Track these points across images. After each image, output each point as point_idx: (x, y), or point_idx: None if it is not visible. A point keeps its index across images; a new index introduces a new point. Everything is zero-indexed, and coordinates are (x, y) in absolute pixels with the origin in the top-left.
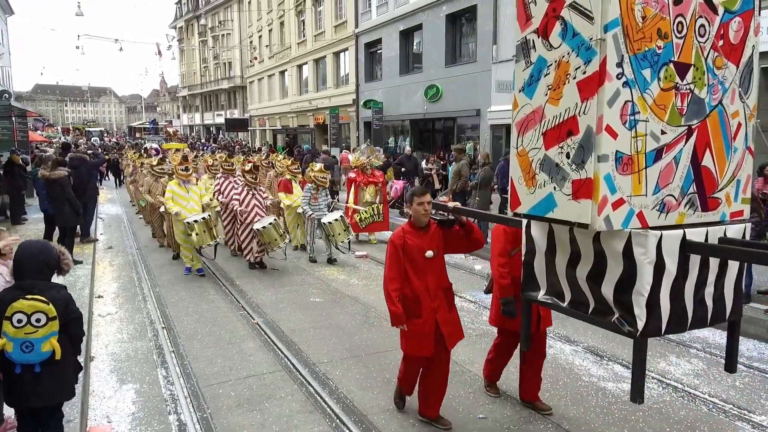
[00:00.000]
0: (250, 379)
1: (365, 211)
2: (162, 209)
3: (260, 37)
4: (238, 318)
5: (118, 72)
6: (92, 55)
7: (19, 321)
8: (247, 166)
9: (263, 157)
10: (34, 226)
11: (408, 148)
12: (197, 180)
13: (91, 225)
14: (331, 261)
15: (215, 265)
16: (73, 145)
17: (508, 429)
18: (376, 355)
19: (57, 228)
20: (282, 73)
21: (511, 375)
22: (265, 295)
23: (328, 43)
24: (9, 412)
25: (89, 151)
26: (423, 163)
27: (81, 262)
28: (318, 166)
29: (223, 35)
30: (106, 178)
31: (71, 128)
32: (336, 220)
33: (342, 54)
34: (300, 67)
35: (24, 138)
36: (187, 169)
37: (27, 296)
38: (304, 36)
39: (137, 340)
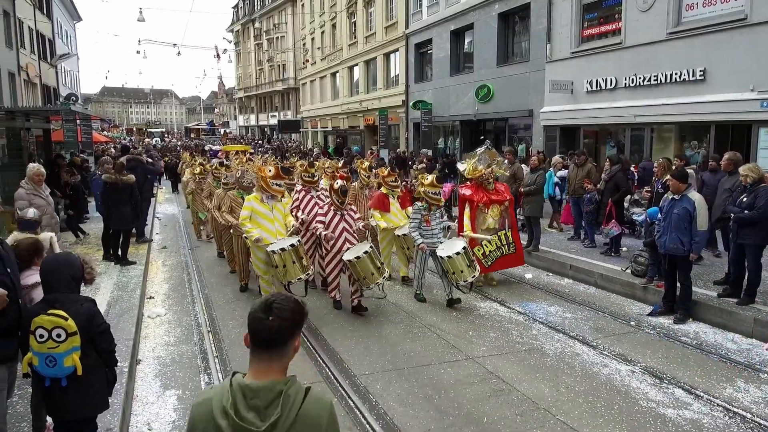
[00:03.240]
0: None
1: (490, 242)
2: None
3: (312, 39)
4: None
5: (179, 74)
6: (154, 59)
7: (41, 336)
8: (337, 184)
9: (308, 162)
10: (93, 225)
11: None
12: (282, 195)
13: (145, 226)
14: (452, 303)
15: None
16: (131, 147)
17: None
18: (418, 369)
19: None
20: (333, 74)
21: (562, 396)
22: (317, 306)
23: (379, 44)
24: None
25: (148, 160)
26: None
27: (135, 263)
28: (430, 178)
29: (277, 38)
30: (165, 178)
31: (135, 129)
32: (458, 253)
33: (392, 55)
34: (351, 68)
35: (88, 139)
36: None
37: (49, 311)
38: (355, 37)
39: (183, 343)
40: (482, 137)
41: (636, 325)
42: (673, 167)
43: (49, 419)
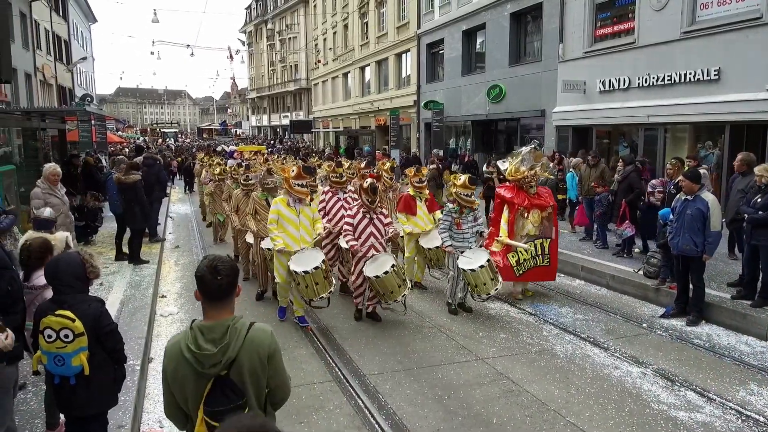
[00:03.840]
0: (300, 389)
1: (526, 251)
2: (249, 237)
3: (325, 39)
4: (291, 323)
5: (193, 75)
6: (168, 60)
7: (50, 336)
8: (367, 182)
9: (335, 162)
10: (107, 224)
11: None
12: (311, 199)
13: (157, 225)
14: (462, 307)
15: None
16: (145, 148)
17: None
18: (428, 369)
19: (126, 229)
20: (345, 75)
21: (572, 398)
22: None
23: (391, 44)
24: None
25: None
26: (484, 167)
27: (147, 262)
28: (462, 178)
29: (289, 38)
30: (178, 178)
31: (148, 129)
32: (482, 266)
33: (404, 55)
34: (362, 69)
35: (103, 140)
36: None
37: (56, 312)
38: (366, 38)
39: None
40: (531, 137)
41: (648, 327)
42: (686, 168)
43: (61, 415)
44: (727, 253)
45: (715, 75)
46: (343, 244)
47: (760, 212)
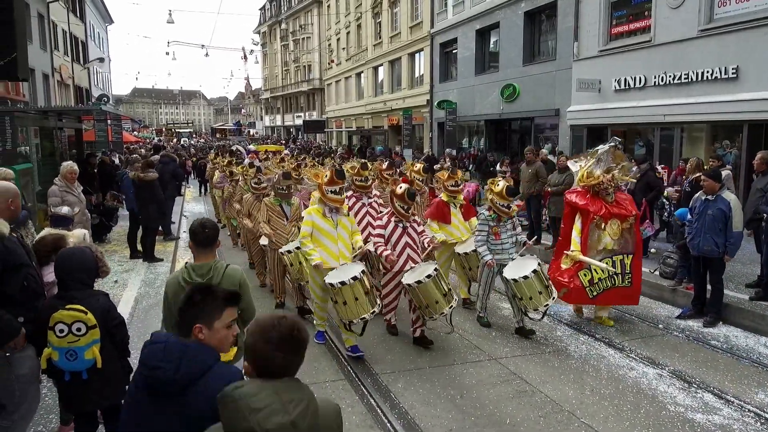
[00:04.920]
0: (312, 387)
1: (602, 270)
2: (263, 240)
3: (338, 39)
4: (304, 319)
5: (208, 76)
6: (183, 60)
7: (61, 331)
8: (401, 188)
9: (360, 164)
10: (123, 222)
11: (545, 150)
12: (349, 208)
13: (171, 224)
14: (523, 332)
15: None
16: (162, 147)
17: None
18: (440, 369)
19: (141, 227)
20: (358, 75)
21: (587, 399)
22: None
23: (404, 44)
24: None
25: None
26: (498, 166)
27: (162, 260)
28: (501, 185)
29: (303, 39)
30: (192, 178)
31: (164, 129)
32: (533, 272)
33: (417, 55)
34: (376, 68)
35: (118, 139)
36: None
37: (67, 306)
38: (380, 38)
39: None
40: (545, 137)
41: (664, 328)
42: (706, 167)
43: None
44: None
45: (733, 73)
46: (371, 247)
47: None
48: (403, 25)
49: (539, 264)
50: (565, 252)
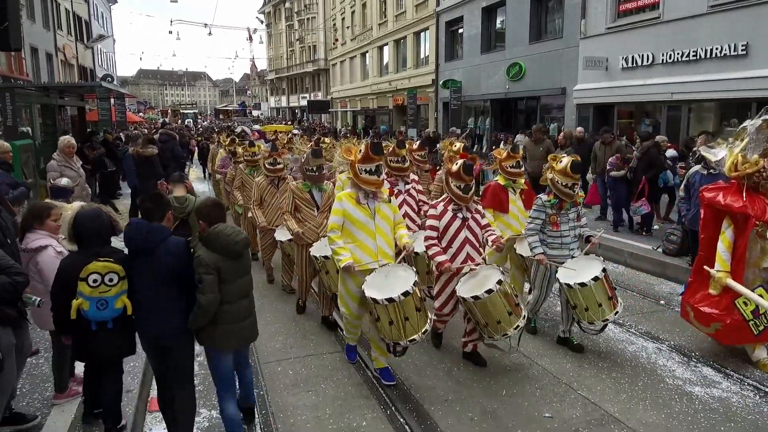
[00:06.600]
0: (310, 359)
1: (760, 305)
2: (281, 234)
3: (343, 19)
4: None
5: (213, 57)
6: (187, 41)
7: (95, 281)
8: (455, 165)
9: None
10: (126, 201)
11: (580, 129)
12: (391, 192)
13: None
14: (568, 343)
15: None
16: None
17: (576, 431)
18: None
19: None
20: (363, 54)
21: (585, 371)
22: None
23: (409, 22)
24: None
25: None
26: (501, 144)
27: None
28: (564, 161)
29: (307, 18)
30: (197, 159)
31: (169, 111)
32: (584, 284)
33: (422, 34)
34: (381, 48)
35: (122, 119)
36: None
37: (99, 258)
38: (385, 16)
39: None
40: (551, 117)
41: (666, 304)
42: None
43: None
44: None
45: (742, 50)
46: (419, 248)
47: None
48: (408, 4)
49: (605, 269)
50: (711, 272)
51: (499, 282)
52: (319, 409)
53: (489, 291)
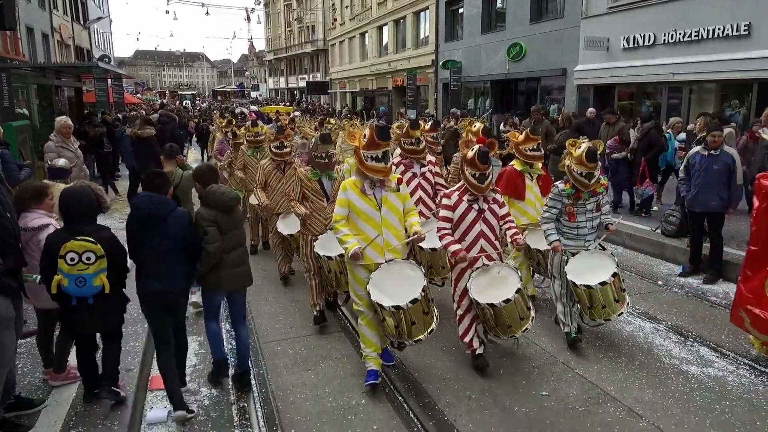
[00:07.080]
0: (309, 338)
1: None
2: (284, 227)
3: None
4: (301, 278)
5: (211, 38)
6: (184, 20)
7: (72, 259)
8: (470, 152)
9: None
10: (126, 182)
11: (592, 109)
12: (399, 180)
13: None
14: (573, 342)
15: None
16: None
17: (573, 410)
18: None
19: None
20: (362, 35)
21: (582, 351)
22: None
23: (409, 1)
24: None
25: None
26: (501, 125)
27: None
28: (583, 147)
29: None
30: (195, 141)
31: (167, 92)
32: (589, 286)
33: (422, 13)
34: (380, 28)
35: (119, 100)
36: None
37: (77, 237)
38: None
39: None
40: (552, 98)
41: (663, 285)
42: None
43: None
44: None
45: (745, 30)
46: (435, 241)
47: None
48: None
49: (616, 271)
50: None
51: (518, 290)
52: (319, 387)
53: (507, 300)
